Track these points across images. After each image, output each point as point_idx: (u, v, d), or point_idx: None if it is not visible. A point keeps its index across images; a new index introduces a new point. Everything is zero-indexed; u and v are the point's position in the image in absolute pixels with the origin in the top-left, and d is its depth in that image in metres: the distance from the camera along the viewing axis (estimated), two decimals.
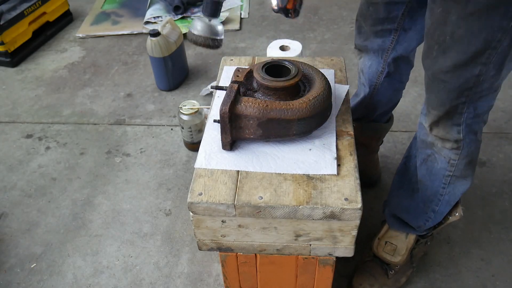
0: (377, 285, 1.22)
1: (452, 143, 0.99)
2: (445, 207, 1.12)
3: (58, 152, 1.74)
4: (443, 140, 1.00)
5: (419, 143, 1.09)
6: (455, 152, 1.00)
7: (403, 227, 1.19)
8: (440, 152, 1.03)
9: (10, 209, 1.53)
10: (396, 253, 1.20)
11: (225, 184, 0.87)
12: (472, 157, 1.02)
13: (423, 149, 1.08)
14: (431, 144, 1.04)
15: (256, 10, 2.59)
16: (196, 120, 1.61)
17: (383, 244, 1.21)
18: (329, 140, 0.94)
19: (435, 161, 1.05)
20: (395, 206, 1.20)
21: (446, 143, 1.00)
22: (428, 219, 1.14)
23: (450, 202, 1.11)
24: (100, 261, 1.36)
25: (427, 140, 1.05)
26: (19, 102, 2.00)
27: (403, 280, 1.25)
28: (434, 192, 1.09)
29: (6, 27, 2.12)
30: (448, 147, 1.00)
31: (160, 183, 1.59)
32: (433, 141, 1.03)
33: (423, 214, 1.14)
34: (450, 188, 1.07)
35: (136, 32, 2.42)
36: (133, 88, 2.05)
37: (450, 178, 1.05)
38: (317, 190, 0.85)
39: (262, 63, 0.94)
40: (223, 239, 0.91)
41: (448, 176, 1.05)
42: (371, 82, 1.27)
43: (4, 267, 1.36)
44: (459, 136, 0.97)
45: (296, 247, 0.91)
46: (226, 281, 1.06)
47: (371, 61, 1.24)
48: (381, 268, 1.24)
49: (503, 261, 1.31)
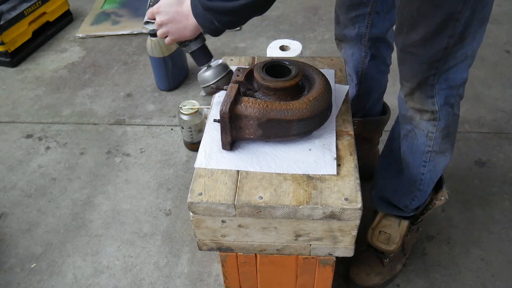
0: (374, 273, 1.24)
1: (429, 114, 1.02)
2: (428, 185, 1.16)
3: (58, 152, 1.74)
4: (420, 111, 1.03)
5: (400, 118, 1.13)
6: (433, 124, 1.04)
7: (391, 208, 1.22)
8: (419, 126, 1.06)
9: (10, 209, 1.53)
10: (391, 242, 1.22)
11: (225, 184, 0.87)
12: (449, 130, 1.06)
13: (403, 124, 1.11)
14: (410, 118, 1.08)
15: None
16: (196, 120, 1.61)
17: (377, 234, 1.24)
18: (329, 140, 0.94)
19: (415, 137, 1.08)
20: (382, 187, 1.23)
21: (424, 114, 1.03)
22: (414, 198, 1.17)
23: (432, 179, 1.15)
24: (100, 261, 1.36)
25: (407, 115, 1.08)
26: (19, 102, 2.00)
27: (399, 267, 1.27)
28: (416, 170, 1.12)
29: (6, 27, 2.12)
30: (425, 118, 1.04)
31: (160, 183, 1.59)
32: (412, 115, 1.06)
33: (409, 193, 1.17)
34: (430, 165, 1.11)
35: (136, 32, 2.42)
36: (133, 88, 2.05)
37: (430, 154, 1.09)
38: (317, 190, 0.85)
39: (262, 63, 0.94)
40: (223, 239, 0.91)
41: (427, 152, 1.09)
42: (357, 69, 1.32)
43: (4, 267, 1.36)
44: (434, 108, 1.01)
45: (296, 247, 0.91)
46: (226, 281, 1.06)
47: (352, 49, 1.29)
48: (376, 257, 1.26)
49: (503, 261, 1.31)
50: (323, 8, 2.55)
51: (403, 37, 0.95)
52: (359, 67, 1.31)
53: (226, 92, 0.89)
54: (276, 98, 0.91)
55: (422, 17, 0.88)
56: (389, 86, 1.43)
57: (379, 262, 1.25)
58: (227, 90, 0.89)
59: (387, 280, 1.25)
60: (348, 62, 1.32)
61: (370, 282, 1.24)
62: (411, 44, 0.94)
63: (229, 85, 0.91)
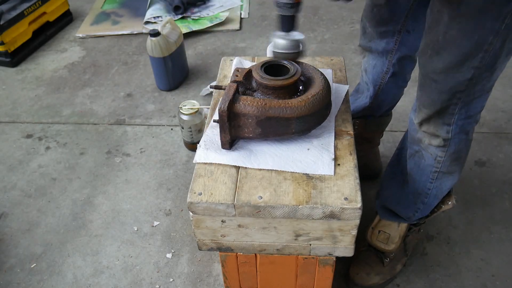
0: (373, 273, 1.24)
1: (440, 140, 1.00)
2: (433, 200, 1.15)
3: (58, 152, 1.74)
4: (432, 136, 1.01)
5: (409, 137, 1.11)
6: (442, 150, 1.02)
7: (393, 217, 1.22)
8: (427, 149, 1.04)
9: (10, 209, 1.53)
10: (390, 241, 1.22)
11: (224, 184, 0.87)
12: (460, 154, 1.04)
13: (411, 144, 1.10)
14: (418, 140, 1.06)
15: (256, 10, 2.59)
16: (196, 120, 1.61)
17: (377, 233, 1.24)
18: (327, 140, 0.94)
19: (422, 158, 1.07)
20: (386, 197, 1.22)
21: (434, 140, 1.01)
22: (417, 210, 1.17)
23: (438, 196, 1.14)
24: (100, 261, 1.36)
25: (416, 136, 1.06)
26: (19, 102, 2.00)
27: (399, 267, 1.27)
28: (422, 185, 1.11)
29: (6, 27, 2.12)
30: (435, 144, 1.01)
31: (160, 183, 1.59)
32: (421, 138, 1.04)
33: (412, 205, 1.16)
34: (437, 183, 1.09)
35: (136, 32, 2.42)
36: (133, 88, 2.05)
37: (437, 174, 1.07)
38: (316, 189, 0.85)
39: (261, 63, 0.94)
40: (223, 239, 0.91)
41: (435, 172, 1.07)
42: (376, 82, 1.28)
43: (4, 267, 1.36)
44: (447, 136, 0.98)
45: (296, 247, 0.91)
46: (226, 281, 1.06)
47: (375, 61, 1.25)
48: (376, 257, 1.26)
49: (503, 261, 1.31)
50: (323, 8, 2.55)
51: (426, 60, 0.91)
52: (378, 81, 1.28)
53: (225, 91, 0.89)
54: (275, 97, 0.91)
55: (448, 43, 0.83)
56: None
57: (379, 262, 1.25)
58: (226, 89, 0.89)
59: (387, 280, 1.25)
60: (368, 72, 1.29)
61: (370, 282, 1.24)
62: (433, 70, 0.90)
63: (228, 85, 0.91)
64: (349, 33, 2.33)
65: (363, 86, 1.35)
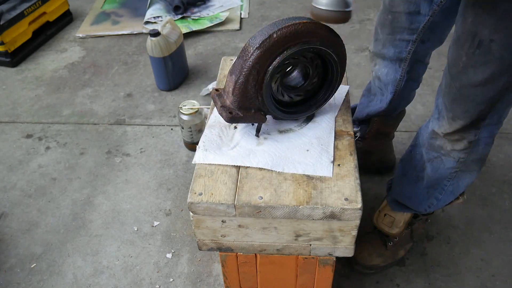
0: (375, 254, 1.26)
1: (465, 143, 0.98)
2: (448, 197, 1.13)
3: (58, 152, 1.74)
4: (456, 141, 0.98)
5: (426, 144, 1.08)
6: (465, 152, 1.00)
7: (405, 210, 1.21)
8: (449, 155, 1.03)
9: (10, 209, 1.53)
10: (394, 225, 1.23)
11: (225, 184, 0.87)
12: (482, 155, 1.02)
13: (429, 150, 1.07)
14: (439, 147, 1.03)
15: (256, 10, 2.59)
16: (196, 120, 1.61)
17: (383, 216, 1.24)
18: (327, 142, 0.94)
19: (441, 163, 1.05)
20: (398, 194, 1.21)
21: (458, 144, 0.98)
22: (431, 205, 1.16)
23: (454, 193, 1.12)
24: (100, 261, 1.36)
25: (435, 144, 1.04)
26: (19, 102, 2.00)
27: (401, 253, 1.28)
28: (438, 182, 1.10)
29: (6, 27, 2.12)
30: (458, 148, 0.99)
31: (160, 183, 1.59)
32: (442, 145, 1.02)
33: (426, 200, 1.15)
34: (455, 180, 1.08)
35: (136, 32, 2.42)
36: (133, 88, 2.05)
37: (456, 172, 1.06)
38: (317, 190, 0.85)
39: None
40: (223, 239, 0.91)
41: (454, 172, 1.06)
42: (391, 89, 1.26)
43: (4, 267, 1.36)
44: (474, 138, 0.96)
45: (296, 247, 0.91)
46: (226, 281, 1.06)
47: (387, 69, 1.23)
48: (380, 239, 1.28)
49: (503, 261, 1.31)
50: None
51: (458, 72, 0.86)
52: (393, 88, 1.25)
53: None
54: None
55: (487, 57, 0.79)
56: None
57: (382, 245, 1.27)
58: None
59: (388, 263, 1.26)
60: (381, 79, 1.26)
61: (371, 262, 1.25)
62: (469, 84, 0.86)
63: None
64: (349, 33, 2.33)
65: (376, 90, 1.33)
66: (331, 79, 0.94)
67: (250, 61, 0.84)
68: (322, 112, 1.01)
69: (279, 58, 0.85)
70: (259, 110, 0.91)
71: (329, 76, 0.94)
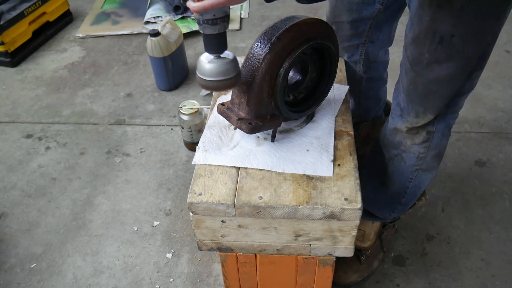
0: (351, 271, 1.25)
1: (424, 135, 1.00)
2: (411, 199, 1.15)
3: (58, 152, 1.74)
4: (415, 135, 1.00)
5: (385, 143, 1.10)
6: (424, 145, 1.02)
7: (369, 217, 1.22)
8: (409, 150, 1.04)
9: (10, 209, 1.53)
10: (365, 238, 1.23)
11: (225, 184, 0.87)
12: (440, 149, 1.04)
13: (389, 148, 1.09)
14: (398, 143, 1.05)
15: (256, 10, 2.59)
16: (196, 120, 1.61)
17: None
18: (327, 141, 0.94)
19: (402, 161, 1.07)
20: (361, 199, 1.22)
21: (417, 137, 1.00)
22: (394, 210, 1.17)
23: (416, 194, 1.14)
24: (100, 261, 1.36)
25: (395, 140, 1.05)
26: (19, 102, 2.00)
27: (375, 264, 1.27)
28: (400, 186, 1.11)
29: (6, 27, 2.12)
30: (418, 142, 1.01)
31: (160, 183, 1.59)
32: (402, 140, 1.04)
33: (389, 206, 1.17)
34: (416, 181, 1.10)
35: (136, 32, 2.42)
36: (133, 88, 2.05)
37: (417, 172, 1.07)
38: (317, 190, 0.85)
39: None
40: (223, 239, 0.91)
41: (415, 170, 1.07)
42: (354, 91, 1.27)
43: (4, 267, 1.36)
44: (432, 128, 0.98)
45: (296, 247, 0.91)
46: (226, 281, 1.06)
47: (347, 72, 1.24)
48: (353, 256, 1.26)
49: (503, 261, 1.31)
50: (323, 8, 2.53)
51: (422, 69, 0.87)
52: (356, 90, 1.27)
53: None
54: None
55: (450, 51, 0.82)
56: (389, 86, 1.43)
57: (356, 260, 1.26)
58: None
59: (365, 277, 1.26)
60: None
61: (349, 280, 1.24)
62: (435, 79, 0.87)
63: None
64: None
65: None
66: (330, 70, 0.96)
67: (262, 68, 0.84)
68: (322, 112, 1.02)
69: (288, 58, 0.85)
70: (273, 115, 0.91)
71: (327, 67, 0.96)
